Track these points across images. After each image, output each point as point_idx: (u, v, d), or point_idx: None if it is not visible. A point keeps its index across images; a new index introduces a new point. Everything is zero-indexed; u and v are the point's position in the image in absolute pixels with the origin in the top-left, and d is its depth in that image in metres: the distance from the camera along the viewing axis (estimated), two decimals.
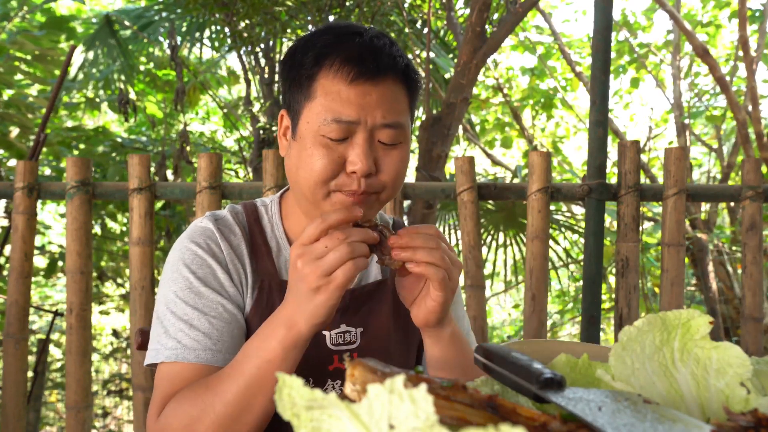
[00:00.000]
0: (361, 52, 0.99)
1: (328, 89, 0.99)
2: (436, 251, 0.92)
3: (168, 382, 1.01)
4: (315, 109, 1.00)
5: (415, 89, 1.07)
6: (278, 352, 0.92)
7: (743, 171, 2.30)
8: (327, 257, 0.88)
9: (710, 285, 4.30)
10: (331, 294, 0.88)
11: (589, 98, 2.36)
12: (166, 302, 1.06)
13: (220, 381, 0.94)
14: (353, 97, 0.98)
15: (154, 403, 1.01)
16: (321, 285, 0.88)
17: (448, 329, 1.01)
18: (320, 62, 1.00)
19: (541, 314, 2.23)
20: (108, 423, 4.75)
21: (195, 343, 1.01)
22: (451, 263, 0.95)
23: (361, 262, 0.89)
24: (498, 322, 7.22)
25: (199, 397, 0.94)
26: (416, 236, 0.93)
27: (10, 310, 2.22)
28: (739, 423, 0.52)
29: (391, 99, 1.01)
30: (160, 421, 0.97)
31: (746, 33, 3.70)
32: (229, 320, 1.05)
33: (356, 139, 0.99)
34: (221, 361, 1.02)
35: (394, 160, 1.02)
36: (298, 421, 0.44)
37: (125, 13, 4.73)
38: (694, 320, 0.66)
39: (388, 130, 1.00)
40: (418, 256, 0.92)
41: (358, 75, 0.98)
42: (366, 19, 3.76)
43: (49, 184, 2.27)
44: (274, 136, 4.05)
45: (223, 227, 1.11)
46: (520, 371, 0.60)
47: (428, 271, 0.92)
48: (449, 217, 3.94)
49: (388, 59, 1.00)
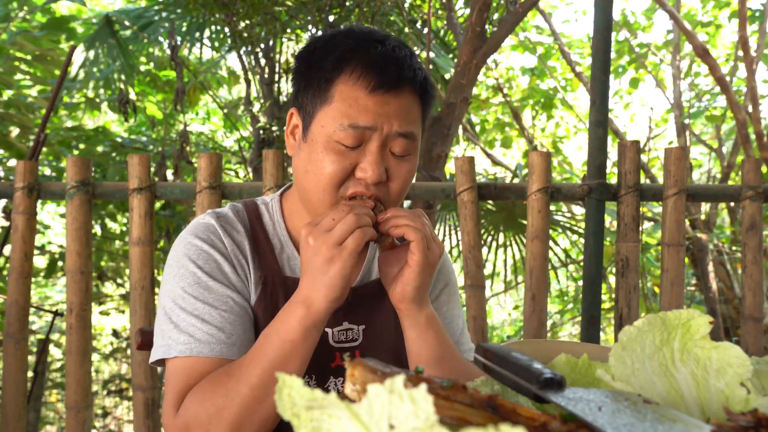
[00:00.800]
0: (383, 61, 0.99)
1: (347, 95, 0.99)
2: (418, 219, 0.99)
3: (184, 376, 1.00)
4: (331, 114, 1.00)
5: (429, 103, 1.08)
6: (299, 331, 0.94)
7: (743, 171, 2.30)
8: (336, 228, 0.92)
9: (710, 285, 4.30)
10: (345, 262, 0.92)
11: (589, 98, 2.36)
12: (173, 298, 1.05)
13: (242, 367, 0.95)
14: (371, 106, 0.99)
15: (170, 399, 1.00)
16: (334, 255, 0.92)
17: (424, 311, 1.03)
18: (341, 67, 1.00)
19: (541, 314, 2.23)
20: (108, 423, 4.75)
21: (209, 337, 1.01)
22: (432, 238, 1.00)
23: (368, 231, 0.95)
24: (498, 322, 7.21)
25: (222, 385, 0.94)
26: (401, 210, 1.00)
27: (10, 310, 2.22)
28: (739, 423, 0.52)
29: (407, 110, 1.02)
30: (182, 415, 0.97)
31: (746, 33, 3.70)
32: (240, 313, 1.06)
33: (369, 146, 1.00)
34: (235, 354, 1.02)
35: (404, 170, 1.04)
36: (298, 421, 0.44)
37: (125, 13, 4.73)
38: (694, 320, 0.66)
39: (402, 140, 1.01)
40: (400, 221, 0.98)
41: (379, 85, 0.98)
42: (366, 19, 3.76)
43: (49, 184, 2.27)
44: (274, 136, 4.05)
45: (226, 224, 1.12)
46: (520, 371, 0.60)
47: (408, 231, 0.98)
48: (449, 217, 3.94)
49: (409, 71, 1.01)
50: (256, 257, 1.11)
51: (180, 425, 0.96)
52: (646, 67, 5.70)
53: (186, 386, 0.99)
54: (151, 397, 2.22)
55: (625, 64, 6.08)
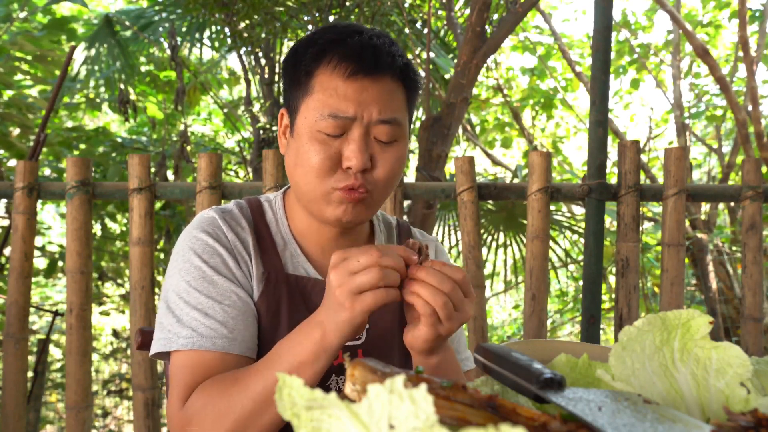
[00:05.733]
0: (360, 48, 1.00)
1: (326, 85, 1.00)
2: (438, 296, 0.87)
3: (189, 370, 1.00)
4: (312, 105, 1.00)
5: (413, 89, 1.07)
6: (310, 354, 0.91)
7: (743, 171, 2.30)
8: (359, 275, 0.85)
9: (710, 285, 4.30)
10: (355, 314, 0.86)
11: (589, 98, 2.36)
12: (177, 291, 1.05)
13: (248, 376, 0.94)
14: (350, 93, 0.99)
15: (176, 392, 1.00)
16: (346, 302, 0.86)
17: (434, 359, 0.96)
18: (319, 58, 1.01)
19: (541, 314, 2.23)
20: (108, 423, 4.75)
21: (211, 332, 1.01)
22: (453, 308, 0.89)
23: (392, 293, 0.87)
24: (498, 322, 7.21)
25: (227, 390, 0.94)
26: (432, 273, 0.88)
27: (10, 310, 2.22)
28: (739, 423, 0.51)
29: (388, 96, 1.01)
30: (188, 411, 0.97)
31: (746, 33, 3.70)
32: (243, 308, 1.05)
33: (352, 135, 1.00)
34: (237, 349, 1.02)
35: (390, 157, 1.03)
36: (298, 421, 0.44)
37: (125, 13, 4.73)
38: (694, 320, 0.66)
39: (384, 126, 1.01)
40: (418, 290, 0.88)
41: (355, 71, 0.99)
42: (366, 19, 3.76)
43: (49, 184, 2.27)
44: (274, 136, 4.05)
45: (230, 219, 1.12)
46: (520, 371, 0.60)
47: (417, 303, 0.88)
48: (449, 217, 3.94)
49: (387, 57, 1.01)
50: (260, 253, 1.11)
51: (184, 419, 0.97)
52: (647, 68, 5.70)
53: (192, 379, 0.99)
54: (151, 397, 2.22)
55: (625, 64, 6.08)
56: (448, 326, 0.89)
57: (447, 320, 0.88)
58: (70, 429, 2.21)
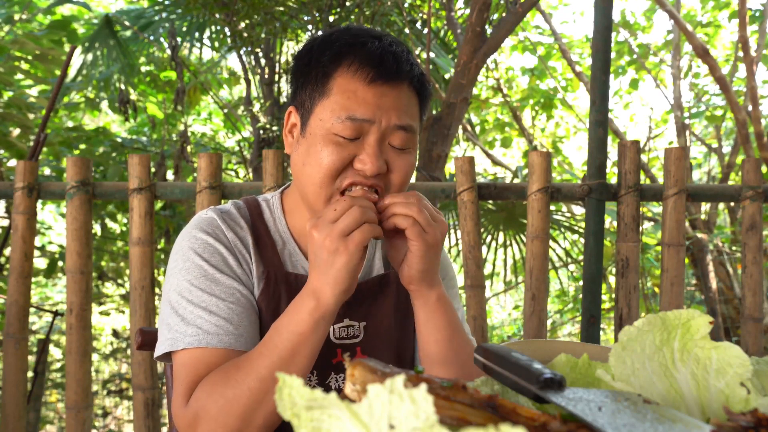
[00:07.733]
0: (381, 54, 1.01)
1: (345, 87, 1.00)
2: (412, 205, 0.97)
3: (192, 368, 1.00)
4: (329, 107, 1.01)
5: (426, 99, 1.10)
6: (309, 323, 0.94)
7: (743, 171, 2.30)
8: (340, 220, 0.92)
9: (710, 285, 4.30)
10: (351, 255, 0.92)
11: (589, 98, 2.36)
12: (179, 291, 1.05)
13: (251, 359, 0.95)
14: (370, 98, 1.00)
15: (179, 391, 1.00)
16: (339, 246, 0.91)
17: (434, 292, 1.03)
18: (339, 60, 1.02)
19: (541, 314, 2.23)
20: (108, 423, 4.75)
21: (217, 329, 1.01)
22: (431, 218, 0.98)
23: (376, 228, 0.94)
24: (498, 322, 7.21)
25: (232, 377, 0.95)
26: (396, 196, 0.99)
27: (10, 310, 2.22)
28: (739, 423, 0.52)
29: (405, 103, 1.03)
30: (192, 407, 0.97)
31: (746, 33, 3.70)
32: (246, 305, 1.06)
33: (368, 139, 1.01)
34: (243, 346, 1.02)
35: (404, 164, 1.04)
36: (298, 421, 0.44)
37: (125, 13, 4.73)
38: (694, 320, 0.66)
39: (401, 132, 1.02)
40: (394, 209, 0.97)
41: (377, 76, 1.00)
42: (366, 19, 3.76)
43: (49, 184, 2.27)
44: (274, 135, 4.05)
45: (228, 219, 1.12)
46: (520, 371, 0.60)
47: (399, 221, 0.97)
48: (449, 217, 3.94)
49: (406, 65, 1.03)
50: (259, 252, 1.12)
51: (190, 416, 0.97)
52: (646, 68, 5.70)
53: (196, 377, 1.00)
54: (151, 397, 2.22)
55: (625, 64, 6.08)
56: (432, 233, 0.98)
57: (428, 226, 0.97)
58: (70, 429, 2.21)
